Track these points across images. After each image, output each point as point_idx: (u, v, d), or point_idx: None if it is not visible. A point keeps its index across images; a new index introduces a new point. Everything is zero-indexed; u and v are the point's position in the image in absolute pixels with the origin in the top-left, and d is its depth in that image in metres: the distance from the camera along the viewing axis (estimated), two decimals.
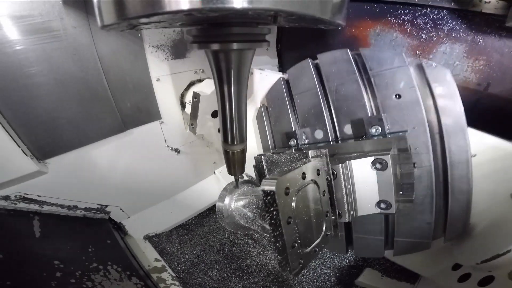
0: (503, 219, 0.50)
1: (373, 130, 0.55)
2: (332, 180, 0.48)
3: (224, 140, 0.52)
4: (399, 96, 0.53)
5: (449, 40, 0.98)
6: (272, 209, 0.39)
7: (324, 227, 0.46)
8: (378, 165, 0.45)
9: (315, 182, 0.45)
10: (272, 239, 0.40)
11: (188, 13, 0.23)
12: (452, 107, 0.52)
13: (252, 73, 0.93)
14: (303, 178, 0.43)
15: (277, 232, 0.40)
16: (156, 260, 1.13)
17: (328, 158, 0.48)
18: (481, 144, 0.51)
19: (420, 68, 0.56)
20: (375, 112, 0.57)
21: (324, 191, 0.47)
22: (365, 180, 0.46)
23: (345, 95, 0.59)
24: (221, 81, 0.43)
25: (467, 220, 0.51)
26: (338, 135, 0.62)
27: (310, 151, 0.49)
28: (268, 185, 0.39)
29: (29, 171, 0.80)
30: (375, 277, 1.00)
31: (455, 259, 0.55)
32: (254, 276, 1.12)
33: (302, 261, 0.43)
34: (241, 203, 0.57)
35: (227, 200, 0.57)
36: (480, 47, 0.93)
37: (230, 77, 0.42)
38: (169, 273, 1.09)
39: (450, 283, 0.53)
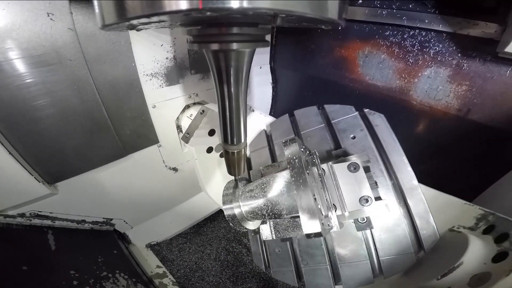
0: (448, 244, 0.58)
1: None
2: (323, 175, 0.52)
3: (224, 140, 0.51)
4: (354, 137, 0.66)
5: (434, 64, 1.00)
6: (295, 158, 0.43)
7: (326, 206, 0.48)
8: (352, 168, 0.53)
9: (314, 165, 0.49)
10: (294, 191, 0.40)
11: (188, 13, 0.23)
12: (392, 143, 0.63)
13: (253, 110, 0.98)
14: (308, 152, 0.50)
15: (301, 180, 0.40)
16: (158, 266, 1.24)
17: (319, 160, 0.53)
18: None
19: (365, 115, 0.69)
20: (336, 147, 0.67)
21: (321, 179, 0.51)
22: (346, 180, 0.53)
23: (316, 140, 0.70)
24: (221, 81, 0.43)
25: (435, 229, 0.57)
26: None
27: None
28: (290, 140, 0.45)
29: (41, 194, 0.89)
30: None
31: (417, 283, 0.62)
32: (247, 282, 1.22)
33: (323, 222, 0.41)
34: (247, 191, 0.54)
35: (232, 198, 0.53)
36: (464, 72, 0.95)
37: (229, 77, 0.42)
38: (169, 278, 1.20)
39: None
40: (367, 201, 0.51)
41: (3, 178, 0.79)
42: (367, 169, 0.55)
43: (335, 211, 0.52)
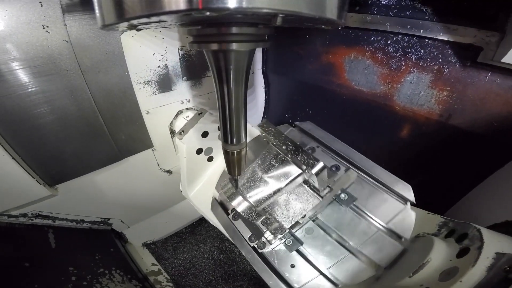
0: (416, 246, 0.61)
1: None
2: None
3: (224, 140, 0.51)
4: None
5: (416, 69, 1.02)
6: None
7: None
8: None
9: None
10: (297, 157, 0.43)
11: (188, 13, 0.23)
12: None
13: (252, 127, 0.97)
14: None
15: (304, 150, 0.45)
16: (153, 264, 1.29)
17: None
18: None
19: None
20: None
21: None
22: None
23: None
24: (221, 81, 0.42)
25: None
26: None
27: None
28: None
29: (42, 195, 0.95)
30: None
31: (390, 283, 0.65)
32: (239, 280, 1.27)
33: (328, 186, 0.46)
34: (249, 175, 0.57)
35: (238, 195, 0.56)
36: (445, 77, 0.97)
37: (229, 77, 0.41)
38: (164, 276, 1.25)
39: None
40: (346, 196, 0.54)
41: (6, 181, 0.85)
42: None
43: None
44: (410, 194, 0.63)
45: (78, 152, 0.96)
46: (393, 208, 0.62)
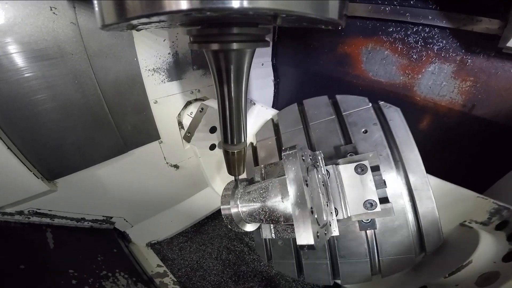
0: (459, 240, 0.56)
1: (348, 155, 0.62)
2: (326, 178, 0.52)
3: (224, 140, 0.51)
4: (366, 131, 0.63)
5: (438, 60, 0.99)
6: (294, 168, 0.41)
7: (327, 214, 0.48)
8: (359, 170, 0.51)
9: (317, 171, 0.48)
10: (292, 201, 0.40)
11: (188, 13, 0.23)
12: (405, 139, 0.61)
13: (254, 104, 0.97)
14: (310, 158, 0.48)
15: (299, 193, 0.40)
16: (158, 266, 1.22)
17: (323, 157, 0.52)
18: (432, 186, 0.58)
19: (379, 108, 0.66)
20: (347, 142, 0.64)
21: (323, 182, 0.50)
22: (351, 183, 0.52)
23: (324, 133, 0.67)
24: (221, 81, 0.43)
25: (440, 229, 0.56)
26: None
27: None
28: (290, 149, 0.44)
29: (40, 190, 0.87)
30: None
31: (424, 279, 0.60)
32: (249, 281, 1.20)
33: (318, 233, 0.41)
34: (246, 194, 0.54)
35: (231, 199, 0.54)
36: (468, 67, 0.94)
37: (229, 77, 0.42)
38: (170, 278, 1.18)
39: None
40: (371, 205, 0.50)
41: (1, 174, 0.77)
42: (376, 168, 0.53)
43: (337, 215, 0.51)
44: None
45: (80, 143, 0.89)
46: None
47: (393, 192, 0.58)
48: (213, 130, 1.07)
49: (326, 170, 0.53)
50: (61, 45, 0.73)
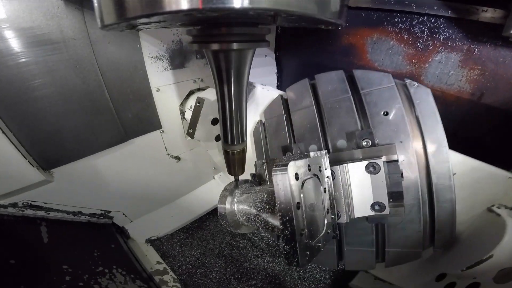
0: (483, 228, 0.53)
1: (364, 143, 0.58)
2: (331, 179, 0.49)
3: (224, 140, 0.51)
4: (387, 113, 0.57)
5: (445, 49, 0.99)
6: (283, 193, 0.39)
7: (325, 224, 0.46)
8: (371, 169, 0.47)
9: (318, 178, 0.46)
10: (281, 226, 0.40)
11: (188, 13, 0.23)
12: (433, 125, 0.55)
13: (254, 87, 0.95)
14: (309, 169, 0.44)
15: (287, 218, 0.39)
16: (158, 263, 1.17)
17: (328, 158, 0.49)
18: (459, 164, 0.54)
19: (405, 88, 0.59)
20: (365, 127, 0.59)
21: (325, 188, 0.48)
22: (360, 183, 0.48)
23: (338, 112, 0.62)
24: (221, 81, 0.43)
25: (454, 227, 0.53)
26: (331, 149, 0.65)
27: (311, 152, 0.50)
28: (280, 170, 0.40)
29: (35, 180, 0.83)
30: (369, 280, 1.04)
31: (442, 268, 0.57)
32: (252, 278, 1.16)
33: (309, 253, 0.42)
34: (243, 197, 0.55)
35: (228, 199, 0.55)
36: (475, 56, 0.93)
37: (230, 77, 0.42)
38: (171, 275, 1.13)
39: None
40: (380, 208, 0.47)
41: None
42: (392, 160, 0.50)
43: (339, 218, 0.50)
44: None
45: (78, 130, 0.86)
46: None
47: (409, 185, 0.54)
48: (214, 122, 1.05)
49: (331, 171, 0.50)
50: (64, 30, 0.72)
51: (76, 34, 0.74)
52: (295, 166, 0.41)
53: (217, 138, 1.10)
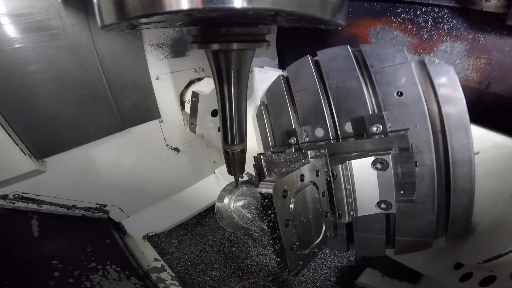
0: (506, 218, 0.49)
1: (374, 129, 0.54)
2: (331, 180, 0.47)
3: (224, 140, 0.52)
4: (401, 94, 0.52)
5: (449, 38, 0.97)
6: (269, 212, 0.39)
7: (323, 228, 0.46)
8: (378, 165, 0.44)
9: (314, 184, 0.45)
10: (271, 241, 0.41)
11: (188, 13, 0.23)
12: (455, 105, 0.51)
13: (251, 71, 0.93)
14: (302, 180, 0.43)
15: (275, 235, 0.40)
16: (156, 260, 1.12)
17: (328, 158, 0.47)
18: (485, 141, 0.51)
19: (422, 65, 0.55)
20: (376, 109, 0.56)
21: (324, 192, 0.46)
22: (365, 180, 0.45)
23: (345, 93, 0.58)
24: (221, 81, 0.43)
25: (469, 219, 0.50)
26: (339, 133, 0.61)
27: (309, 151, 0.48)
28: (265, 188, 0.38)
29: (27, 169, 0.79)
30: (376, 277, 0.99)
31: (457, 258, 0.54)
32: (254, 276, 1.11)
33: (301, 262, 0.43)
34: (240, 203, 0.56)
35: (226, 201, 0.56)
36: (481, 45, 0.92)
37: (230, 77, 0.42)
38: (168, 273, 1.08)
39: (451, 282, 0.52)
40: (387, 206, 0.44)
41: None
42: (405, 149, 0.46)
43: (340, 218, 0.48)
44: None
45: (74, 118, 0.83)
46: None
47: (423, 173, 0.50)
48: (214, 113, 1.03)
49: (332, 171, 0.47)
50: (64, 16, 0.71)
51: (76, 20, 0.73)
52: (281, 185, 0.40)
53: (219, 129, 1.08)
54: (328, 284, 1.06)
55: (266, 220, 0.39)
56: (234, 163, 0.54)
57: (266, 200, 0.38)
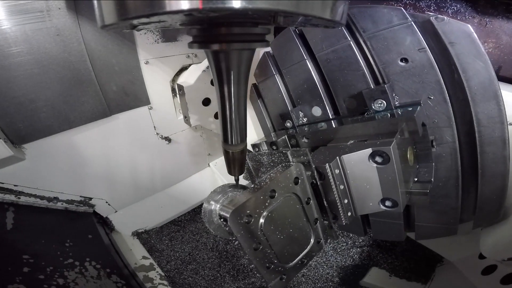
0: None
1: (377, 105, 0.48)
2: (318, 183, 0.42)
3: (224, 140, 0.51)
4: (406, 60, 0.44)
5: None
6: (233, 238, 0.35)
7: (311, 238, 0.42)
8: (378, 159, 0.37)
9: (294, 193, 0.40)
10: (246, 261, 0.37)
11: (188, 13, 0.23)
12: (478, 67, 0.41)
13: None
14: (272, 196, 0.39)
15: (247, 257, 0.36)
16: (144, 258, 1.05)
17: (311, 158, 0.41)
18: None
19: (428, 24, 0.45)
20: (380, 81, 0.50)
21: (308, 198, 0.41)
22: (363, 176, 0.39)
23: (338, 65, 0.49)
24: (221, 81, 0.43)
25: (501, 206, 0.42)
26: (339, 110, 0.55)
27: (289, 152, 0.44)
28: (225, 212, 0.35)
29: (2, 156, 0.73)
30: (383, 277, 0.92)
31: (480, 249, 0.47)
32: (250, 276, 1.03)
33: (285, 276, 0.40)
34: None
35: (213, 204, 0.52)
36: (488, 29, 0.88)
37: (230, 77, 0.42)
38: (157, 271, 1.01)
39: (472, 273, 0.45)
40: (392, 205, 0.38)
41: None
42: (414, 132, 0.40)
43: (336, 221, 0.44)
44: None
45: (55, 101, 0.77)
46: None
47: (443, 152, 0.43)
48: (206, 102, 0.99)
49: (319, 173, 0.41)
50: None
51: (63, 3, 0.70)
52: (242, 211, 0.35)
53: (216, 116, 1.03)
54: (330, 284, 0.98)
55: (236, 242, 0.36)
56: (234, 163, 0.53)
57: (228, 228, 0.35)
